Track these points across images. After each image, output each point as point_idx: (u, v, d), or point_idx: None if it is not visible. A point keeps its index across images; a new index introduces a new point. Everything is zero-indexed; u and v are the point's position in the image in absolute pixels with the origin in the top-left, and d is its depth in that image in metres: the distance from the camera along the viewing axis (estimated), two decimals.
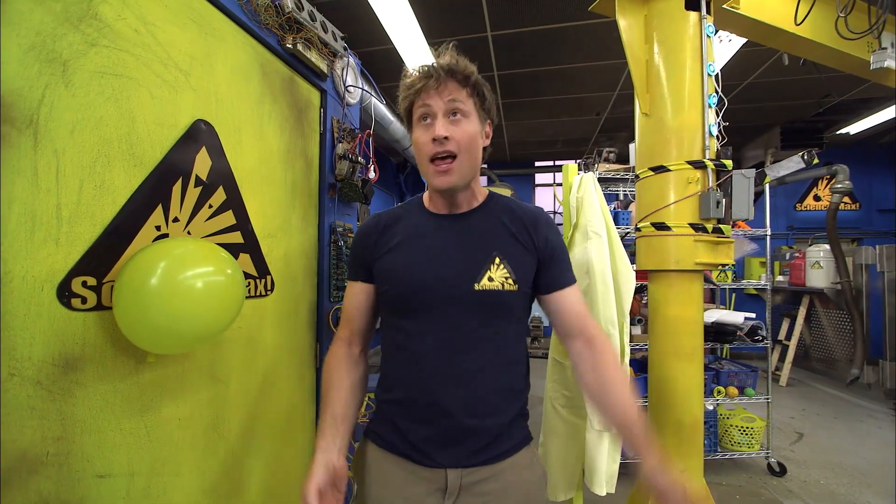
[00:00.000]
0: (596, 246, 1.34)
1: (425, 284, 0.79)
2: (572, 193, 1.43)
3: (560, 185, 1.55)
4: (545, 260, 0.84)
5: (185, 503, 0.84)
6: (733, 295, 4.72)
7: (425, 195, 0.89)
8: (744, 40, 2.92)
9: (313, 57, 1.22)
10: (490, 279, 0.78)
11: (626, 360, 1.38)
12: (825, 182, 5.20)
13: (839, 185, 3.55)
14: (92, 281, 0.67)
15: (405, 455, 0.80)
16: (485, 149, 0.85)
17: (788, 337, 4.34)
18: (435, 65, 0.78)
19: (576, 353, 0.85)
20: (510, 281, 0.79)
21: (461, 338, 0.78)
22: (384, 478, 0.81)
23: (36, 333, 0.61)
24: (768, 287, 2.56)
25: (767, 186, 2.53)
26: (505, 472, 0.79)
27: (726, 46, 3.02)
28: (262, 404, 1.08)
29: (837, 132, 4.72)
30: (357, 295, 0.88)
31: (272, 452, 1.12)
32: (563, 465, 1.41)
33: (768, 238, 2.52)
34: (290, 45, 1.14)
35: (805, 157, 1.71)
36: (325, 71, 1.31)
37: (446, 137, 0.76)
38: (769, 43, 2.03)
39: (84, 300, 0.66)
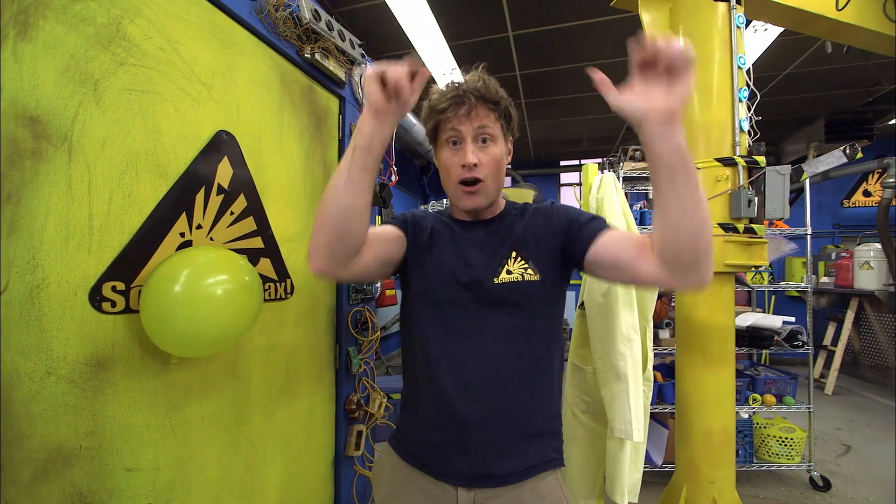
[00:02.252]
0: None
1: (449, 278, 0.81)
2: (592, 194, 1.40)
3: (580, 185, 1.52)
4: (570, 230, 0.80)
5: (208, 497, 0.88)
6: (773, 297, 4.48)
7: (451, 207, 0.92)
8: (781, 29, 2.77)
9: (331, 65, 1.25)
10: (508, 272, 0.80)
11: (650, 366, 1.33)
12: (876, 176, 4.85)
13: (892, 180, 3.31)
14: (121, 286, 0.72)
15: (418, 463, 0.81)
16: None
17: (835, 342, 4.07)
18: (465, 88, 0.78)
19: (644, 261, 0.70)
20: (530, 272, 0.79)
21: (479, 331, 0.78)
22: (398, 494, 0.82)
23: (70, 335, 0.65)
24: (809, 289, 2.41)
25: (808, 183, 2.38)
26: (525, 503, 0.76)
27: (762, 36, 2.87)
28: (282, 404, 1.11)
29: (889, 122, 4.39)
30: (386, 230, 0.85)
31: (292, 450, 1.15)
32: (584, 473, 1.38)
33: (809, 237, 2.38)
34: (308, 55, 1.17)
35: (847, 152, 1.60)
36: (344, 78, 1.33)
37: (475, 164, 0.78)
38: (808, 31, 1.91)
39: (114, 304, 0.71)
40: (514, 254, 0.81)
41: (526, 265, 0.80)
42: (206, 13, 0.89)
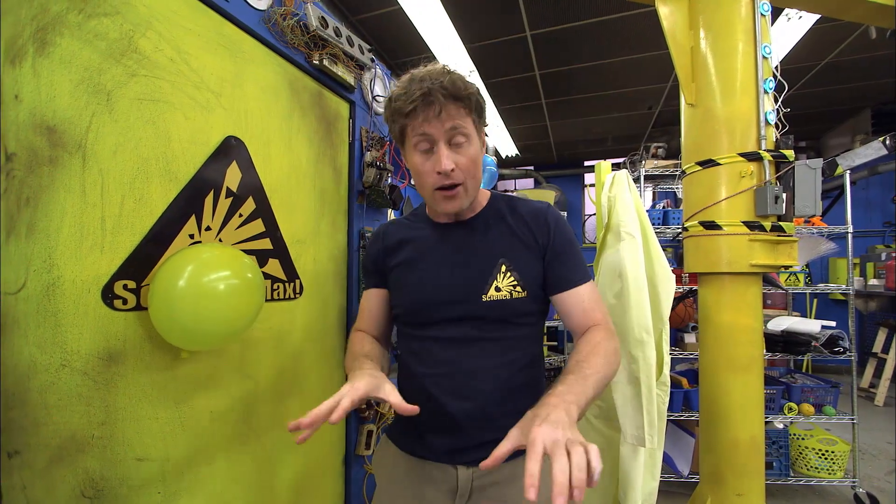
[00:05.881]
0: (629, 247, 1.26)
1: (433, 300, 0.80)
2: (604, 192, 1.37)
3: (593, 185, 1.48)
4: (550, 258, 0.81)
5: (216, 489, 0.91)
6: (814, 300, 4.20)
7: (428, 208, 0.89)
8: (817, 16, 2.61)
9: (340, 71, 1.28)
10: (497, 289, 0.77)
11: (667, 370, 1.28)
12: None
13: None
14: (132, 284, 0.76)
15: (417, 455, 0.82)
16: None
17: (885, 349, 3.77)
18: (431, 87, 0.70)
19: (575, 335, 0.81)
20: (518, 288, 0.78)
21: (468, 347, 0.78)
22: (399, 477, 0.84)
23: (83, 330, 0.69)
24: (851, 291, 2.25)
25: (847, 178, 2.23)
26: (520, 477, 0.76)
27: (796, 24, 2.72)
28: (291, 401, 1.14)
29: None
30: (372, 300, 0.92)
31: (302, 448, 1.18)
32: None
33: (850, 236, 2.22)
34: (316, 62, 1.20)
35: (888, 143, 1.48)
36: (353, 83, 1.36)
37: (453, 169, 0.73)
38: (846, 16, 1.79)
39: (125, 301, 0.75)
40: (503, 267, 0.78)
41: (514, 281, 0.78)
42: (215, 24, 0.93)
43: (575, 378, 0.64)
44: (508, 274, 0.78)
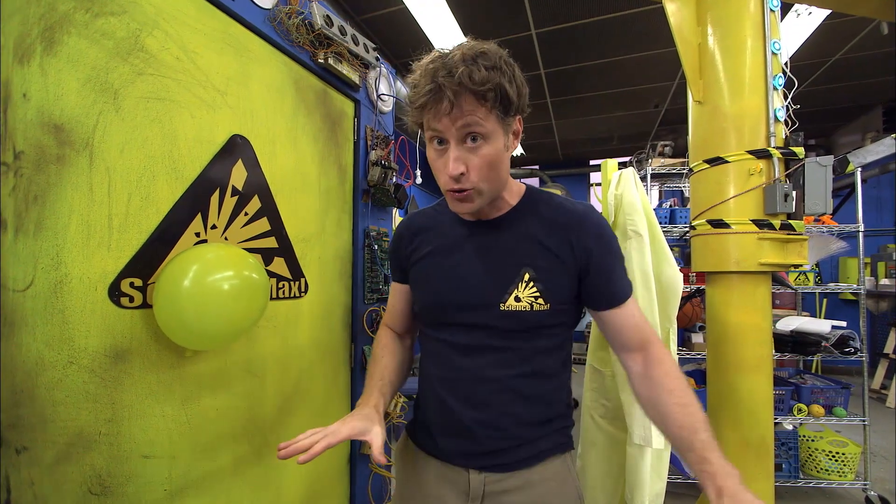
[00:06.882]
0: (636, 246, 1.25)
1: (449, 302, 0.77)
2: (610, 191, 1.36)
3: (599, 184, 1.47)
4: (588, 272, 0.74)
5: (222, 487, 0.91)
6: (824, 301, 4.15)
7: None
8: (827, 12, 2.58)
9: (345, 69, 1.28)
10: (517, 299, 0.72)
11: None
12: None
13: None
14: (138, 282, 0.76)
15: (435, 455, 0.82)
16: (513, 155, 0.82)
17: None
18: (441, 80, 0.62)
19: (630, 368, 0.77)
20: (540, 301, 0.72)
21: (481, 355, 0.76)
22: (417, 475, 0.84)
23: (91, 328, 0.69)
24: (863, 291, 2.21)
25: (858, 175, 2.20)
26: (534, 486, 0.76)
27: (805, 21, 2.68)
28: (296, 399, 1.14)
29: None
30: (396, 295, 0.94)
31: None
32: (603, 481, 1.32)
33: (861, 235, 2.19)
34: (321, 60, 1.20)
35: None
36: (358, 82, 1.36)
37: (462, 173, 0.67)
38: (856, 11, 1.77)
39: (131, 299, 0.75)
40: (526, 276, 0.72)
41: (537, 292, 0.72)
42: (221, 24, 0.94)
43: (704, 440, 0.64)
44: (531, 284, 0.72)
